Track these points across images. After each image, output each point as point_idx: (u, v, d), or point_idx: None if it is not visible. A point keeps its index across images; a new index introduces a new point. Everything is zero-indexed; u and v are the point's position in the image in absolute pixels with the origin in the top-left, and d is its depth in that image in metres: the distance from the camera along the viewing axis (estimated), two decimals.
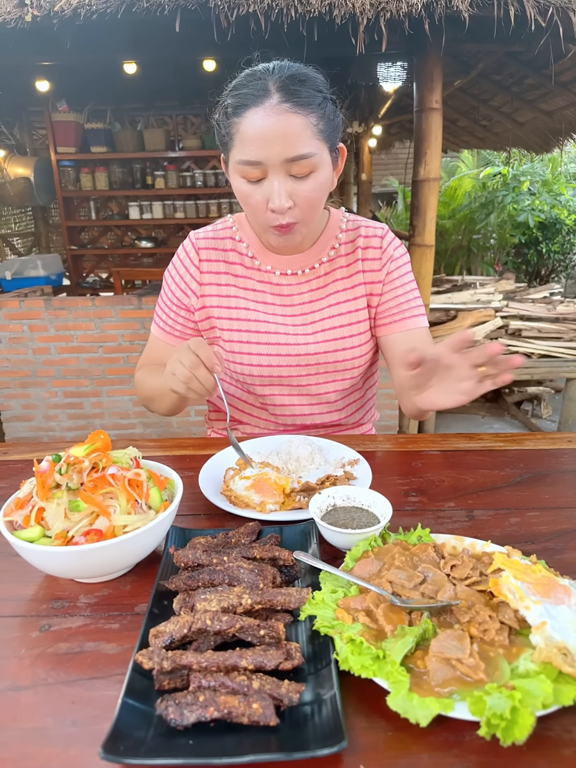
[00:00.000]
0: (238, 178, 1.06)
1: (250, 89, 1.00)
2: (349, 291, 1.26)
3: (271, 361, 1.26)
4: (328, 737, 0.53)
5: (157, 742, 0.54)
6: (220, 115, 1.06)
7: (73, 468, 0.79)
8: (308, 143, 1.00)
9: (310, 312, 1.26)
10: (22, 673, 0.65)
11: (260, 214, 1.08)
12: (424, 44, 2.88)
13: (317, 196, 1.07)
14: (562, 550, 0.85)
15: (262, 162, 1.00)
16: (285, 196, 1.02)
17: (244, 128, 1.00)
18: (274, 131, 0.98)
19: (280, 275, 1.25)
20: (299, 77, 1.00)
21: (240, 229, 1.28)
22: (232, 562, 0.73)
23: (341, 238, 1.26)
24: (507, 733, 0.52)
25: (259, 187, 1.04)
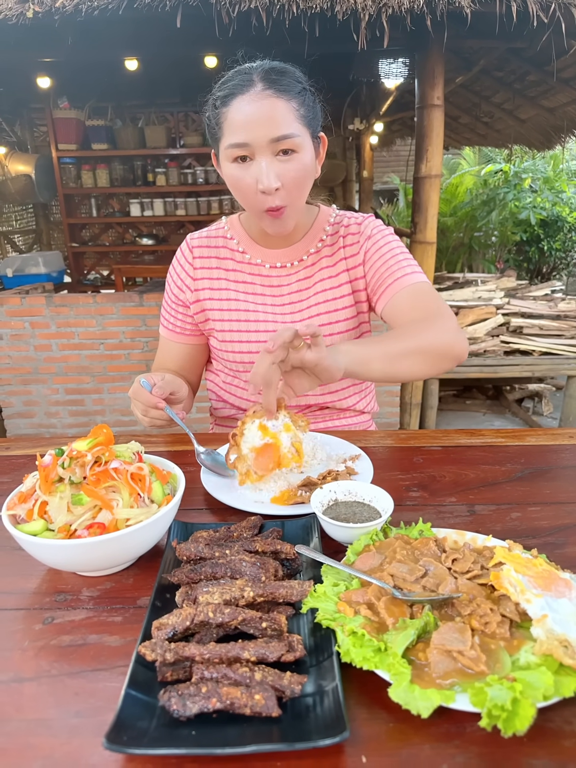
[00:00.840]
0: (228, 164, 1.12)
1: (236, 81, 1.09)
2: (334, 279, 1.31)
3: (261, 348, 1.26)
4: (330, 728, 0.53)
5: (160, 733, 0.54)
6: (210, 109, 1.14)
7: (76, 462, 0.79)
8: (291, 125, 1.07)
9: (298, 301, 1.31)
10: (26, 665, 0.66)
11: (251, 198, 1.13)
12: (425, 40, 2.88)
13: (303, 176, 1.12)
14: (563, 545, 0.85)
15: (249, 143, 1.07)
16: (273, 176, 1.08)
17: (232, 115, 1.08)
18: (259, 114, 1.05)
19: (270, 268, 1.31)
20: (279, 69, 1.09)
21: (231, 228, 1.36)
22: (234, 555, 0.73)
23: (328, 230, 1.33)
24: (508, 724, 0.52)
25: (248, 170, 1.10)
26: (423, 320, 1.14)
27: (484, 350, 4.00)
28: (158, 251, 6.03)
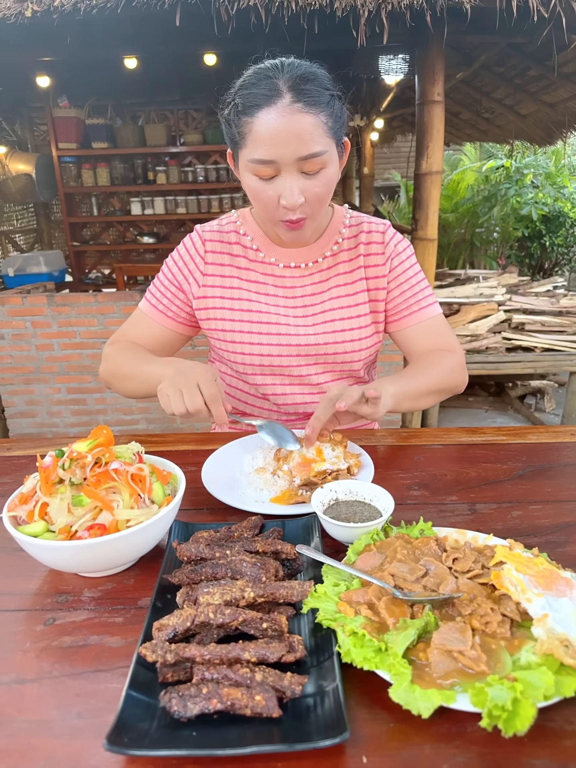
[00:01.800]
0: (250, 176, 1.08)
1: (261, 89, 1.01)
2: (350, 286, 1.28)
3: (272, 351, 1.27)
4: (331, 729, 0.53)
5: (160, 734, 0.54)
6: (231, 113, 1.07)
7: (76, 463, 0.79)
8: (319, 141, 1.03)
9: (312, 305, 1.28)
10: (27, 666, 0.66)
11: (272, 210, 1.10)
12: (425, 36, 2.87)
13: (326, 191, 1.10)
14: (564, 543, 0.85)
15: (276, 161, 1.03)
16: (297, 193, 1.05)
17: (257, 128, 1.02)
18: (287, 131, 1.00)
19: (284, 267, 1.28)
20: (308, 76, 1.02)
21: (244, 223, 1.30)
22: (235, 555, 0.73)
23: (344, 233, 1.29)
24: (508, 725, 0.52)
25: (272, 184, 1.06)
26: (440, 356, 1.28)
27: (486, 347, 3.99)
28: (159, 249, 6.03)
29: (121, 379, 1.27)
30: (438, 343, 1.32)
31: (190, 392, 0.97)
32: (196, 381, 0.98)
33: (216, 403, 0.97)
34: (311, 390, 1.33)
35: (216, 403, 0.97)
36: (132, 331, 1.36)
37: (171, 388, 0.99)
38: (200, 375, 0.99)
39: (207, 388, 0.97)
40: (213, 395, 0.97)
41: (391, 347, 3.46)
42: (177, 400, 0.97)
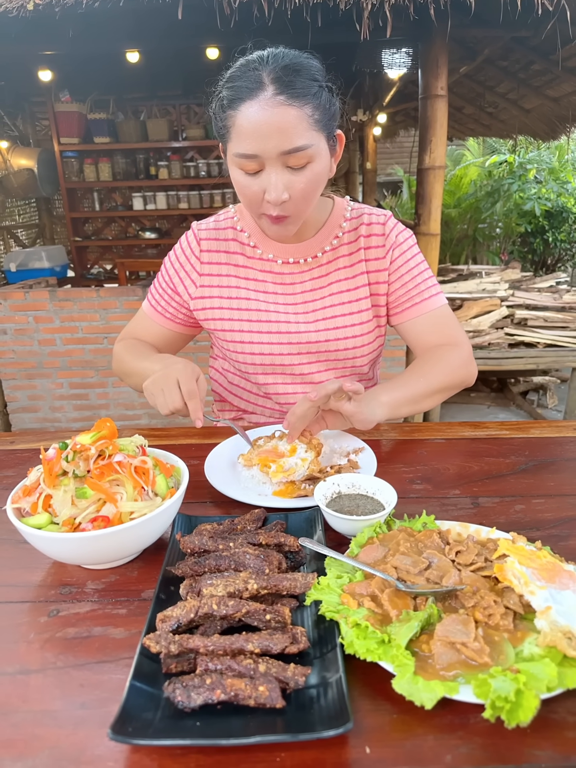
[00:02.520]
0: (236, 170, 1.07)
1: (245, 81, 0.99)
2: (351, 280, 1.26)
3: (273, 350, 1.26)
4: (334, 719, 0.53)
5: (164, 724, 0.54)
6: (216, 107, 1.06)
7: (80, 455, 0.79)
8: (304, 135, 1.00)
9: (312, 300, 1.26)
10: (32, 657, 0.66)
11: (256, 204, 1.09)
12: (429, 30, 2.85)
13: (312, 188, 1.07)
14: (567, 537, 0.85)
15: (259, 155, 1.01)
16: (281, 188, 1.03)
17: (240, 121, 1.00)
18: (269, 125, 0.98)
19: (282, 264, 1.26)
20: (293, 67, 0.99)
21: (241, 218, 1.29)
22: (238, 548, 0.74)
23: (345, 226, 1.26)
24: (511, 716, 0.52)
25: (256, 179, 1.04)
26: (442, 353, 1.25)
27: (489, 343, 3.99)
28: (161, 245, 6.02)
29: (127, 375, 1.33)
30: (443, 336, 1.29)
31: (170, 391, 1.02)
32: (176, 379, 1.02)
33: (192, 399, 1.01)
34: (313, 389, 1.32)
35: (192, 399, 1.01)
36: (136, 329, 1.39)
37: (154, 389, 1.05)
38: (180, 373, 1.03)
39: (185, 385, 1.01)
40: (190, 391, 1.01)
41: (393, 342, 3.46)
42: (160, 401, 1.04)
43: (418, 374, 1.21)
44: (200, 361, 3.68)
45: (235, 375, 1.37)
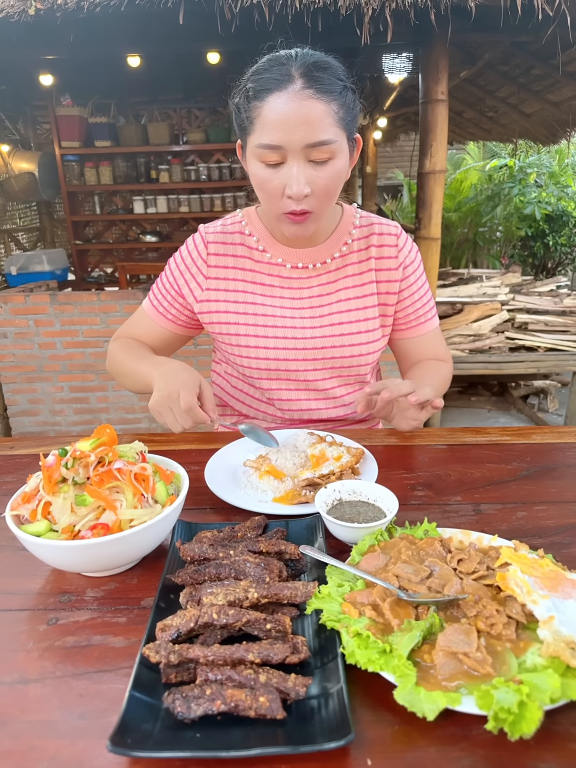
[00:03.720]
0: (256, 163, 1.06)
1: (273, 74, 1.00)
2: (359, 288, 1.27)
3: (278, 354, 1.25)
4: (335, 731, 0.53)
5: (164, 735, 0.54)
6: (241, 99, 1.06)
7: (80, 462, 0.79)
8: (329, 130, 1.00)
9: (319, 306, 1.26)
10: (30, 666, 0.66)
11: (275, 201, 1.07)
12: (429, 35, 2.86)
13: (334, 185, 1.07)
14: (570, 545, 0.84)
15: (283, 146, 1.00)
16: (303, 182, 1.02)
17: (266, 112, 1.00)
18: (296, 116, 0.98)
19: (291, 268, 1.26)
20: (322, 65, 1.01)
21: (249, 223, 1.28)
22: (239, 556, 0.73)
23: (354, 234, 1.27)
24: (514, 728, 0.52)
25: (277, 172, 1.04)
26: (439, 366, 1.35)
27: (489, 347, 3.98)
28: (162, 248, 6.02)
29: (121, 375, 1.31)
30: (433, 354, 1.38)
31: (178, 411, 1.02)
32: (178, 393, 1.02)
33: (192, 410, 1.01)
34: (317, 396, 1.32)
35: (192, 410, 1.01)
36: (134, 328, 1.37)
37: (160, 408, 1.04)
38: (182, 386, 1.03)
39: (185, 399, 1.01)
40: (188, 404, 1.01)
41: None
42: (169, 421, 1.04)
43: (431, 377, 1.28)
44: (201, 365, 3.67)
45: (238, 380, 1.37)
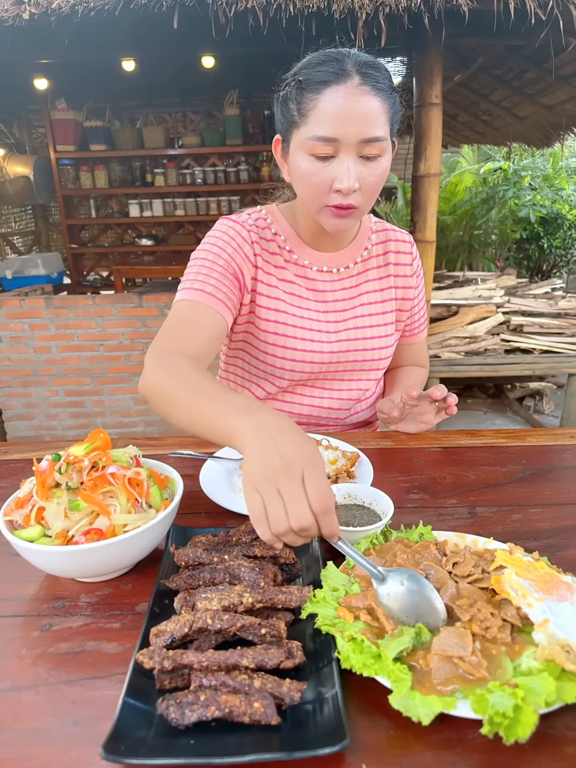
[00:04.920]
0: (304, 155, 1.04)
1: (329, 67, 1.00)
2: (379, 293, 1.31)
3: (302, 356, 1.25)
4: (330, 736, 0.53)
5: (158, 742, 0.54)
6: (293, 90, 1.04)
7: (73, 467, 0.78)
8: (382, 127, 1.02)
9: (342, 310, 1.28)
10: (23, 673, 0.65)
11: (321, 194, 1.06)
12: (423, 39, 2.87)
13: (380, 182, 1.08)
14: (565, 547, 0.84)
15: (338, 139, 1.00)
16: (354, 177, 1.02)
17: (323, 104, 1.00)
18: (354, 110, 0.98)
19: (317, 271, 1.26)
20: (374, 64, 1.02)
21: (275, 221, 1.25)
22: (233, 560, 0.73)
23: (372, 239, 1.31)
24: (510, 732, 0.51)
25: (327, 166, 1.03)
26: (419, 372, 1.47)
27: (485, 349, 3.99)
28: (158, 252, 6.02)
29: (166, 402, 0.92)
30: (417, 361, 1.49)
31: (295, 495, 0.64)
32: (300, 473, 0.66)
33: (329, 514, 0.66)
34: (330, 395, 1.33)
35: (329, 514, 0.66)
36: (181, 329, 1.07)
37: (267, 487, 0.65)
38: (307, 461, 0.67)
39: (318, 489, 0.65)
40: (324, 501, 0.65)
41: None
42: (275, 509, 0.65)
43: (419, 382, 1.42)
44: None
45: (246, 380, 1.35)
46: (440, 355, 3.98)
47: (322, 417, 1.35)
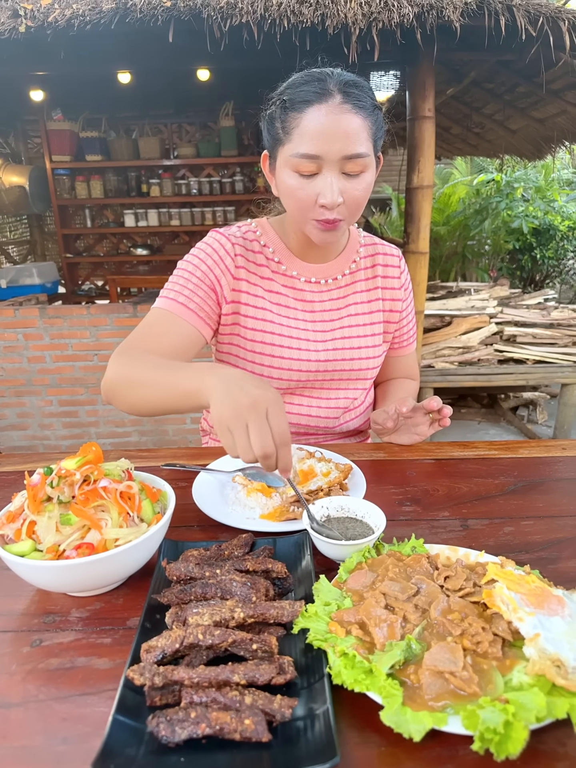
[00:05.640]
0: (290, 172, 1.08)
1: (312, 87, 1.04)
2: (367, 304, 1.33)
3: (292, 365, 1.27)
4: (321, 753, 0.52)
5: (148, 760, 0.53)
6: (277, 110, 1.09)
7: (65, 481, 0.78)
8: (364, 143, 1.05)
9: (330, 320, 1.30)
10: (13, 689, 0.65)
11: (307, 208, 1.10)
12: (416, 53, 2.90)
13: (364, 197, 1.11)
14: (556, 560, 0.85)
15: (321, 156, 1.03)
16: (338, 192, 1.06)
17: (306, 123, 1.03)
18: (336, 128, 1.02)
19: (305, 282, 1.29)
20: (357, 83, 1.05)
21: (264, 233, 1.29)
22: (225, 575, 0.73)
23: (361, 252, 1.34)
24: (500, 748, 0.51)
25: (311, 182, 1.07)
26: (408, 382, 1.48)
27: (478, 359, 4.01)
28: (153, 261, 6.03)
29: (131, 386, 1.02)
30: (407, 373, 1.50)
31: (260, 427, 0.74)
32: (265, 409, 0.76)
33: (287, 447, 0.77)
34: (319, 404, 1.34)
35: (287, 447, 0.77)
36: (149, 334, 1.14)
37: (236, 421, 0.75)
38: (270, 401, 0.77)
39: (278, 424, 0.76)
40: (284, 434, 0.76)
41: None
42: (244, 441, 0.75)
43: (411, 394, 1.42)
44: None
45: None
46: (434, 365, 3.99)
47: (311, 426, 1.36)
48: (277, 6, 2.48)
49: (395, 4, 2.49)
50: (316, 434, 1.39)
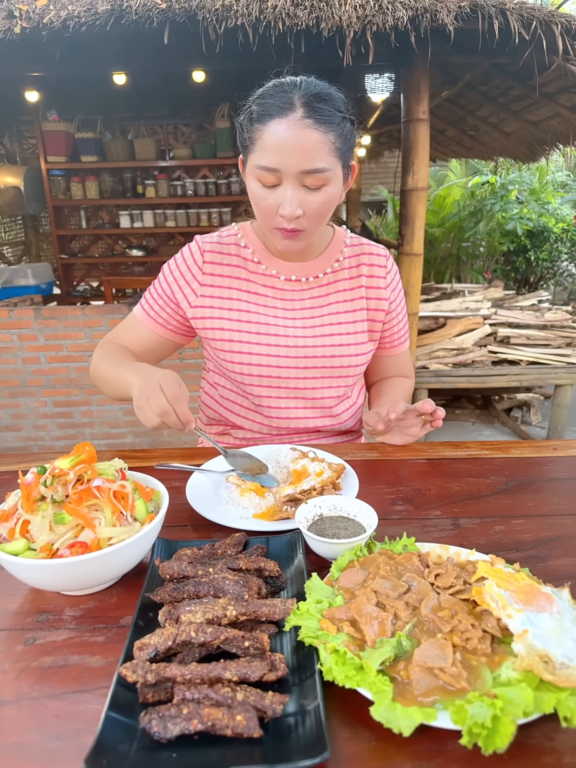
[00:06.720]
0: (254, 181, 1.11)
1: (276, 100, 1.05)
2: (350, 303, 1.33)
3: (270, 362, 1.29)
4: (311, 748, 0.53)
5: (140, 756, 0.54)
6: (245, 119, 1.11)
7: (58, 480, 0.79)
8: (324, 158, 1.06)
9: (310, 317, 1.31)
10: (6, 687, 0.65)
11: (270, 217, 1.13)
12: (410, 56, 2.91)
13: (325, 209, 1.13)
14: (546, 558, 0.86)
15: (279, 170, 1.06)
16: (296, 205, 1.08)
17: (267, 136, 1.06)
18: (294, 143, 1.04)
19: (285, 280, 1.31)
20: (323, 96, 1.06)
21: (245, 236, 1.33)
22: (218, 573, 0.73)
23: (345, 252, 1.34)
24: (488, 742, 0.52)
25: (273, 193, 1.10)
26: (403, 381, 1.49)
27: (472, 360, 4.03)
28: (148, 262, 6.03)
29: (102, 381, 1.33)
30: (401, 372, 1.50)
31: (155, 396, 1.00)
32: (158, 384, 1.01)
33: (179, 403, 1.00)
34: (305, 404, 1.35)
35: (179, 403, 1.00)
36: (123, 334, 1.39)
37: (140, 401, 1.02)
38: (162, 378, 1.03)
39: (169, 389, 1.00)
40: (175, 395, 1.00)
41: None
42: (148, 412, 1.01)
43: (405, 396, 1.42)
44: (186, 379, 3.66)
45: (226, 389, 1.39)
46: (428, 367, 4.01)
47: (300, 427, 1.37)
48: (272, 8, 2.48)
49: (389, 8, 2.50)
50: (308, 432, 1.39)
